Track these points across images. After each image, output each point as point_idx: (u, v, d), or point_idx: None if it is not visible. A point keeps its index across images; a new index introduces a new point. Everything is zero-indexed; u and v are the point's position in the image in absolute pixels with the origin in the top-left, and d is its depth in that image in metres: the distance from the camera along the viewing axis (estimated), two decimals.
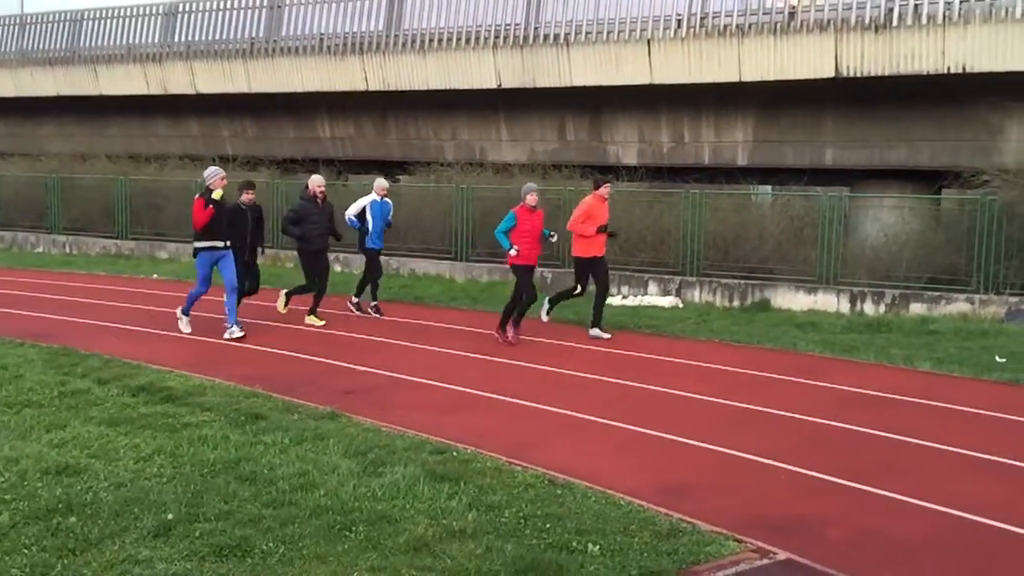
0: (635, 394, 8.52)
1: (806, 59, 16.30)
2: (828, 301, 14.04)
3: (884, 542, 5.00)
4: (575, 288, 11.39)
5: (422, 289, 15.74)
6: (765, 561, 4.70)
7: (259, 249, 11.84)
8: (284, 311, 12.17)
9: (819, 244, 14.41)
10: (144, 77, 23.96)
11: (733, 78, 17.06)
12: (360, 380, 8.84)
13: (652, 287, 15.26)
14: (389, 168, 23.05)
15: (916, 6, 15.42)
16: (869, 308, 13.73)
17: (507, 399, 8.14)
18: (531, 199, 10.77)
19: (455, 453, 6.33)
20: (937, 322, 12.56)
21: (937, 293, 13.46)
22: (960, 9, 15.04)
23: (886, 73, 15.71)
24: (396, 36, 20.70)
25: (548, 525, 5.00)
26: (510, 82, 19.36)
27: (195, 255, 10.80)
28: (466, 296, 14.96)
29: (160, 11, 23.98)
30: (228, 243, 10.78)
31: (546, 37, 18.89)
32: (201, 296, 10.98)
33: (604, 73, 18.31)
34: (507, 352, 10.25)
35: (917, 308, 13.39)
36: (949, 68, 15.15)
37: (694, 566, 4.57)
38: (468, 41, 19.76)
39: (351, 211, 12.67)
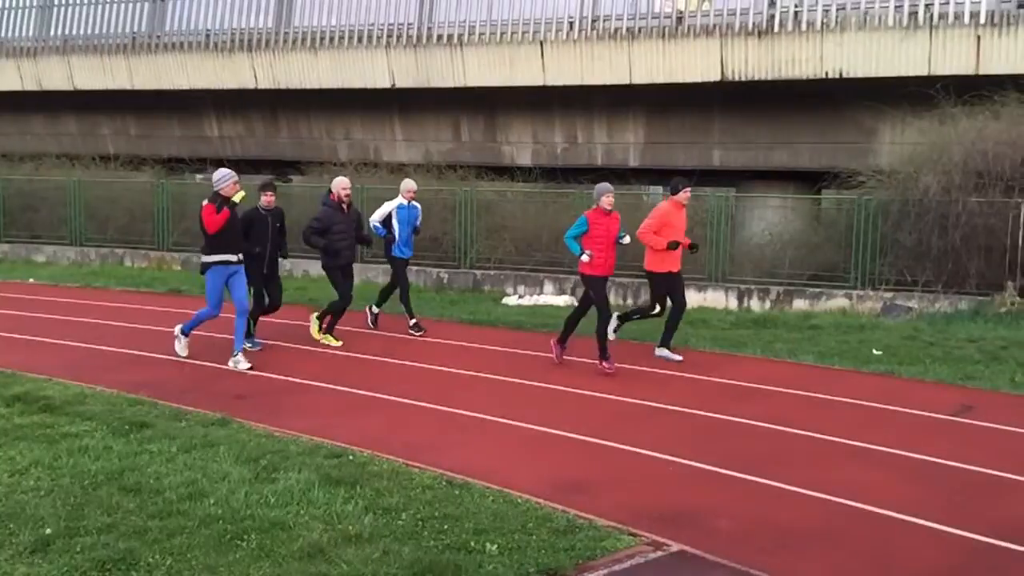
0: (531, 393, 8.58)
1: (693, 63, 16.73)
2: (717, 298, 14.46)
3: (772, 530, 5.16)
4: (653, 307, 10.22)
5: (317, 291, 15.44)
6: (659, 553, 4.80)
7: (279, 258, 10.39)
8: (318, 337, 10.63)
9: (708, 243, 14.80)
10: (18, 72, 22.80)
11: (624, 80, 17.37)
12: (251, 384, 8.62)
13: (548, 286, 15.40)
14: (281, 168, 22.60)
15: (796, 13, 16.01)
16: (756, 305, 14.19)
17: (403, 400, 8.07)
18: (607, 201, 9.38)
19: (351, 456, 6.24)
20: (818, 317, 13.07)
21: (818, 289, 14.02)
22: (837, 17, 15.70)
23: (769, 77, 16.26)
24: (286, 33, 20.29)
25: (446, 526, 4.98)
26: (404, 82, 19.23)
27: (203, 271, 9.35)
28: (362, 297, 14.73)
29: (35, 3, 22.86)
30: (241, 257, 9.36)
31: (439, 37, 18.84)
32: (211, 319, 9.51)
33: (498, 74, 18.38)
34: (401, 353, 10.16)
35: (800, 304, 13.92)
36: (827, 73, 15.80)
37: (591, 561, 4.62)
38: (361, 40, 19.53)
39: (376, 217, 11.37)
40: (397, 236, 11.29)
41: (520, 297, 15.08)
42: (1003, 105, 13.46)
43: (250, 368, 9.14)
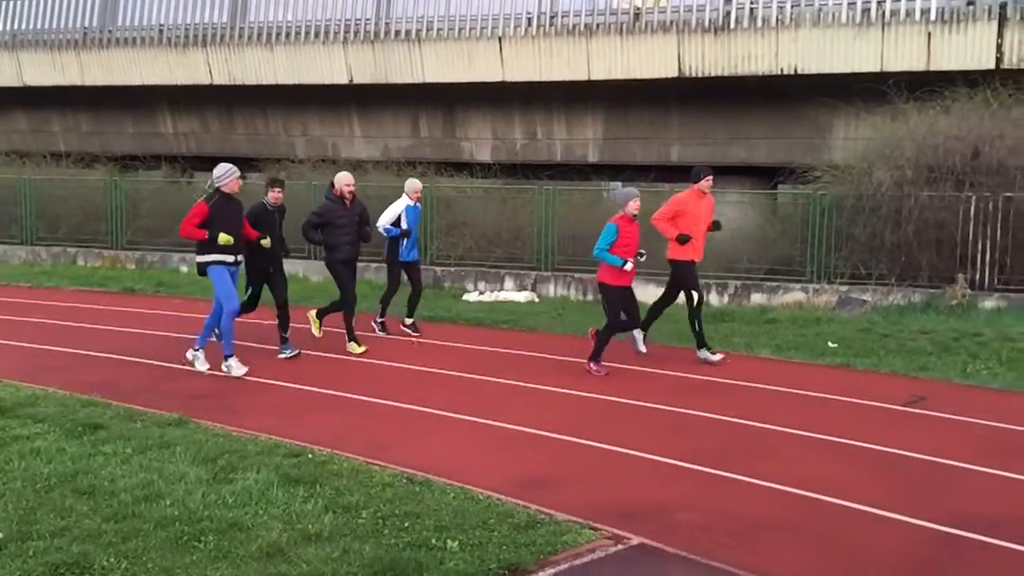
0: (492, 389, 8.57)
1: (651, 59, 16.83)
2: None
3: (731, 523, 5.20)
4: (691, 299, 9.73)
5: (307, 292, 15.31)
6: (620, 547, 4.81)
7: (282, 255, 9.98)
8: (320, 334, 10.31)
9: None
10: None
11: (583, 76, 17.42)
12: (209, 384, 8.51)
13: (508, 282, 15.41)
14: (237, 165, 22.27)
15: (752, 10, 16.17)
16: (714, 299, 14.31)
17: (363, 398, 8.03)
18: (634, 206, 9.12)
19: (310, 455, 6.18)
20: (776, 311, 13.23)
21: (775, 283, 14.18)
22: (791, 13, 15.89)
23: (725, 73, 16.41)
24: (241, 29, 20.06)
25: (407, 524, 4.96)
26: (362, 78, 19.11)
27: (202, 272, 8.84)
28: (321, 295, 14.63)
29: None
30: (238, 258, 8.92)
31: (398, 33, 18.76)
32: (234, 316, 8.86)
33: (457, 70, 18.34)
34: (337, 346, 10.08)
35: (757, 298, 14.06)
36: (782, 69, 15.98)
37: (552, 556, 4.62)
38: (318, 35, 19.37)
39: (386, 219, 10.92)
40: (406, 238, 10.96)
41: (481, 293, 15.06)
42: (953, 101, 13.71)
43: (245, 372, 8.81)
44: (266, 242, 9.22)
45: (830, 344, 10.62)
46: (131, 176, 20.70)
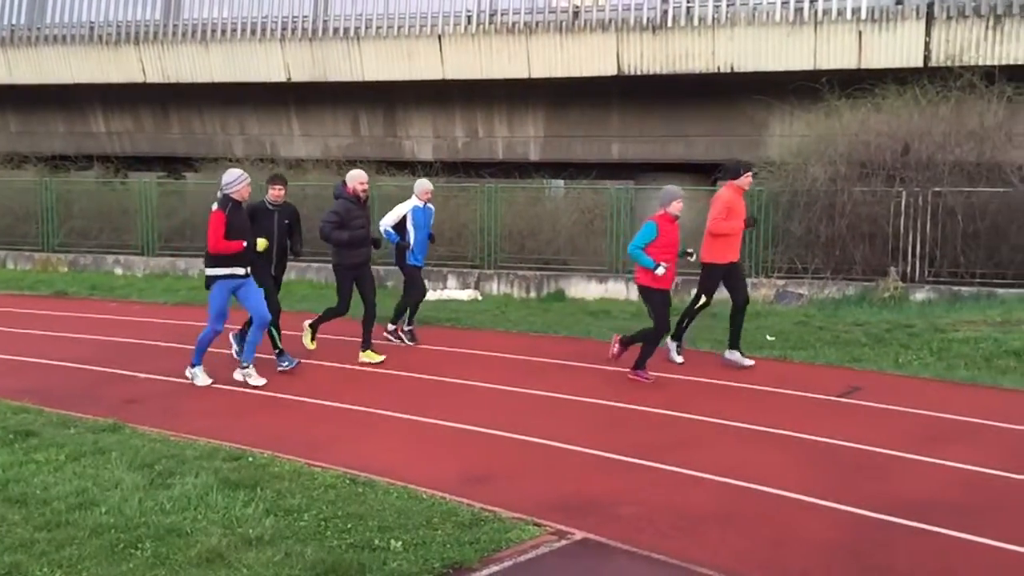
0: (434, 387, 8.54)
1: (590, 57, 16.94)
2: (618, 289, 14.68)
3: (672, 515, 5.27)
4: (698, 298, 9.47)
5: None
6: (563, 542, 4.84)
7: (289, 257, 9.34)
8: (312, 346, 9.69)
9: (608, 235, 15.04)
10: None
11: (523, 74, 17.47)
12: (145, 388, 8.34)
13: (451, 281, 15.39)
14: (173, 165, 21.94)
15: (688, 8, 16.37)
16: None
17: (303, 399, 7.94)
18: (677, 206, 8.71)
19: (251, 458, 6.10)
20: (715, 305, 13.34)
21: None
22: (727, 12, 16.12)
23: (664, 72, 16.59)
24: (175, 26, 19.69)
25: (349, 525, 4.92)
26: (300, 76, 18.90)
27: (208, 285, 8.36)
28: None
29: None
30: (249, 270, 8.37)
31: (336, 30, 18.59)
32: (216, 336, 8.45)
33: (396, 68, 18.25)
34: (301, 352, 9.97)
35: None
36: (719, 68, 16.21)
37: (496, 553, 4.63)
38: (254, 33, 19.11)
39: (388, 221, 10.29)
40: (412, 242, 10.29)
41: (441, 290, 15.00)
42: (884, 98, 14.06)
43: (264, 384, 8.31)
44: (262, 244, 8.55)
45: (768, 337, 10.81)
46: (62, 177, 20.19)
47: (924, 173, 13.56)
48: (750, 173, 9.38)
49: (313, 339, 9.71)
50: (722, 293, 9.55)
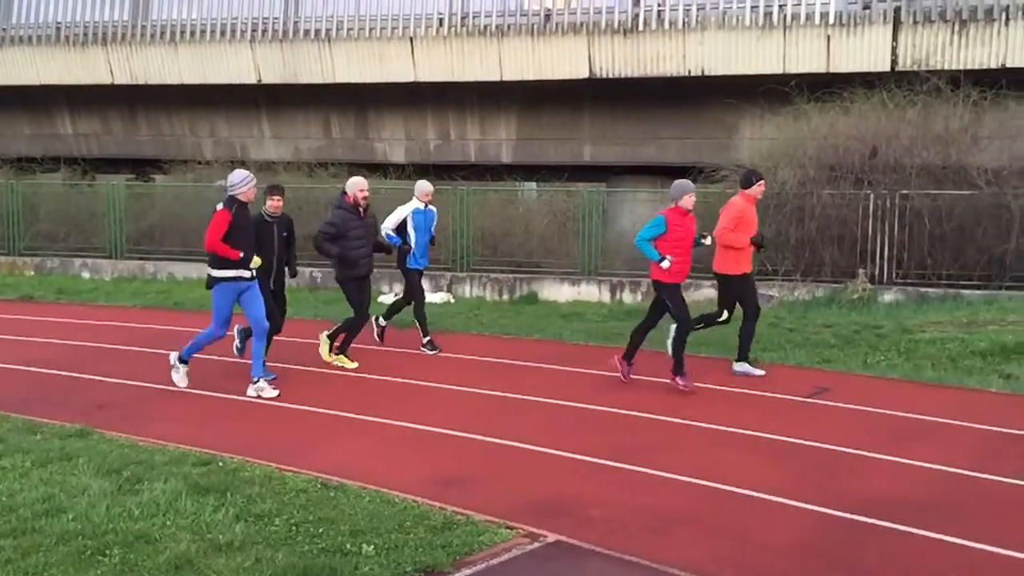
0: (406, 390, 8.52)
1: (562, 60, 16.99)
2: (591, 292, 14.73)
3: (643, 516, 5.29)
4: (720, 313, 9.15)
5: (182, 294, 14.96)
6: (535, 545, 4.85)
7: (287, 272, 9.02)
8: (330, 358, 9.42)
9: (581, 237, 15.09)
10: None
11: (495, 77, 17.48)
12: (113, 393, 8.25)
13: (424, 284, 15.24)
14: (142, 167, 21.73)
15: (659, 12, 16.47)
16: (628, 297, 14.53)
17: (274, 404, 7.89)
18: (689, 200, 8.43)
19: (221, 463, 6.05)
20: (689, 307, 13.45)
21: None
22: (697, 16, 16.24)
23: (635, 75, 16.68)
24: (144, 27, 19.51)
25: (321, 529, 4.90)
26: (271, 77, 18.79)
27: (210, 286, 8.10)
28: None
29: None
30: (255, 272, 8.13)
31: (307, 32, 18.51)
32: (215, 340, 8.29)
33: (368, 70, 18.20)
34: (271, 355, 9.90)
35: None
36: (690, 71, 16.32)
37: (468, 556, 4.63)
38: (224, 34, 18.98)
39: (389, 224, 10.00)
40: (413, 244, 10.07)
41: (396, 295, 14.94)
42: (852, 102, 14.21)
43: (277, 395, 8.04)
44: (256, 262, 8.16)
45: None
46: (28, 179, 19.91)
47: (892, 176, 13.73)
48: (763, 182, 9.07)
49: (332, 350, 9.41)
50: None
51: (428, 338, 10.23)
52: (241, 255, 7.92)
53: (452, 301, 14.65)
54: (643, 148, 18.08)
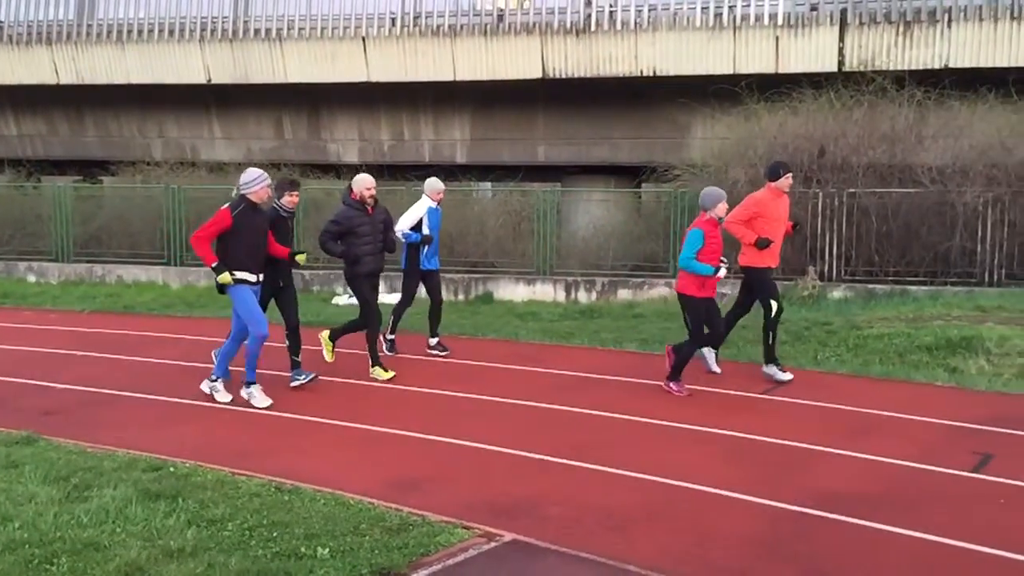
0: (360, 392, 8.47)
1: (515, 60, 17.02)
2: (546, 291, 14.77)
3: (600, 514, 5.32)
4: (770, 309, 8.71)
5: (132, 297, 14.71)
6: (492, 544, 4.85)
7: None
8: (332, 359, 9.06)
9: (536, 237, 15.12)
10: None
11: (448, 77, 17.46)
12: (61, 399, 8.08)
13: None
14: (89, 168, 21.33)
15: (611, 12, 16.58)
16: (583, 296, 14.60)
17: (224, 407, 7.78)
18: (722, 208, 8.08)
19: (172, 468, 5.96)
20: (642, 306, 13.60)
21: (640, 279, 14.58)
22: (649, 17, 16.38)
23: (588, 75, 16.76)
24: (90, 26, 19.15)
25: (275, 534, 4.84)
26: (221, 77, 18.56)
27: (221, 290, 7.74)
28: (182, 303, 14.16)
29: None
30: (261, 277, 7.83)
31: (257, 32, 18.32)
32: (263, 341, 7.74)
33: (320, 70, 18.06)
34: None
35: (624, 294, 14.43)
36: (642, 71, 16.45)
37: (424, 557, 4.61)
38: (172, 33, 18.70)
39: (406, 223, 9.70)
40: (426, 245, 9.84)
41: (350, 296, 14.84)
42: (800, 102, 14.43)
43: (271, 404, 7.70)
44: (302, 258, 8.09)
45: None
46: None
47: (839, 175, 13.96)
48: (790, 174, 8.68)
49: (332, 351, 9.13)
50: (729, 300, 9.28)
51: (393, 337, 10.07)
52: (214, 264, 7.55)
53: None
54: (597, 148, 18.18)
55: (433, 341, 10.06)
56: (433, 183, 10.03)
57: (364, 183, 8.95)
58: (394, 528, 4.95)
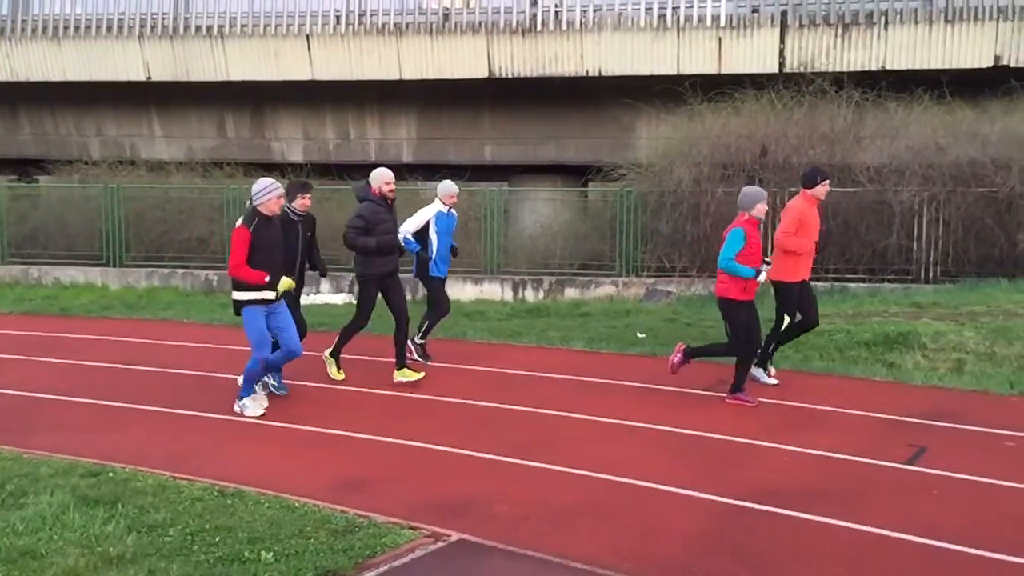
0: (305, 393, 8.39)
1: (461, 59, 17.00)
2: (493, 290, 14.79)
3: (546, 512, 5.34)
4: (781, 322, 8.48)
5: (69, 299, 14.37)
6: (439, 544, 4.84)
7: (318, 272, 8.65)
8: (341, 376, 8.79)
9: (483, 237, 15.12)
10: None
11: (394, 76, 17.38)
12: None
13: (324, 285, 15.14)
14: (24, 167, 20.81)
15: (557, 12, 16.66)
16: (530, 295, 14.65)
17: (166, 410, 7.65)
18: (761, 209, 7.74)
19: (111, 473, 5.84)
20: (588, 304, 13.69)
21: (587, 278, 14.68)
22: (594, 17, 16.49)
23: (534, 74, 16.82)
24: (24, 21, 18.68)
25: (218, 538, 4.78)
26: (161, 75, 18.23)
27: (237, 311, 7.39)
28: (122, 304, 13.88)
29: None
30: (280, 294, 7.42)
31: (198, 28, 18.03)
32: (263, 364, 7.46)
33: (263, 68, 17.84)
34: (158, 360, 9.62)
35: (571, 292, 14.51)
36: (587, 71, 16.55)
37: (370, 559, 4.59)
38: (110, 29, 18.32)
39: (409, 227, 9.24)
40: (435, 250, 9.40)
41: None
42: (743, 102, 14.66)
43: (263, 414, 7.46)
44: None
45: (638, 334, 11.09)
46: None
47: (781, 174, 14.21)
48: (827, 181, 8.28)
49: (339, 369, 8.87)
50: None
51: (423, 342, 9.68)
52: (267, 278, 7.23)
53: (354, 302, 14.43)
54: (543, 147, 18.25)
55: (420, 341, 9.74)
56: (447, 186, 9.57)
57: (383, 177, 8.55)
58: (340, 530, 4.92)
